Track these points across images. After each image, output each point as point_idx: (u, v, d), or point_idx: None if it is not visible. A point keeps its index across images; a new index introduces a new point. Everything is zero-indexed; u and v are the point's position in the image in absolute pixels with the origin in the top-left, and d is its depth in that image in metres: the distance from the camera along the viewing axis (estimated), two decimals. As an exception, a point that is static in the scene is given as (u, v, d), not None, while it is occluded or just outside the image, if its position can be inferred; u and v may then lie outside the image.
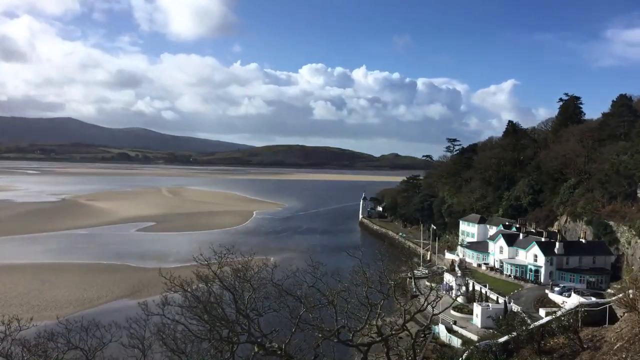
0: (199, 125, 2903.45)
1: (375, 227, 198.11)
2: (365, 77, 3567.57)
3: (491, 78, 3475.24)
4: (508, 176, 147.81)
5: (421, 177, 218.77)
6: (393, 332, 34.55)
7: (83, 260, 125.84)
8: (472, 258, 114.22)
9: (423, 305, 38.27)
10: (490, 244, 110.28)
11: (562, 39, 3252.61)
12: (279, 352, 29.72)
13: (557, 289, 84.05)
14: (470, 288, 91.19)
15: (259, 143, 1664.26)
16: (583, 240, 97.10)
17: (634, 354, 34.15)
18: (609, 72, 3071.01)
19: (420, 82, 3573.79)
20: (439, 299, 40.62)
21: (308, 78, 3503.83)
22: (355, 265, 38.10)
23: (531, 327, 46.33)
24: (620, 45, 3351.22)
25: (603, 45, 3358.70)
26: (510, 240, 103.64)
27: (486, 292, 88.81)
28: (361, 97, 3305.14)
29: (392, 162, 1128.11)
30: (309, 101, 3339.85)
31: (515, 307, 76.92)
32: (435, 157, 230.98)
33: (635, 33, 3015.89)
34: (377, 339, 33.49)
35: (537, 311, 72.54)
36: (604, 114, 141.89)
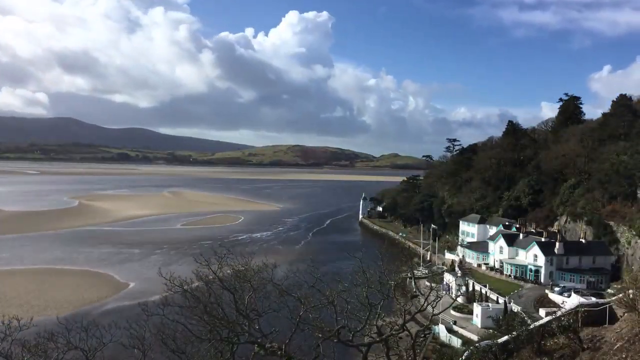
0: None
1: (375, 227, 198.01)
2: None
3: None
4: (508, 176, 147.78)
5: (421, 177, 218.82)
6: (393, 332, 34.45)
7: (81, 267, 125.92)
8: (472, 258, 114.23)
9: (423, 305, 38.15)
10: (490, 244, 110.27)
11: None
12: (279, 352, 29.67)
13: (557, 289, 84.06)
14: (470, 288, 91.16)
15: (259, 143, 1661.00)
16: (583, 240, 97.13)
17: (634, 354, 34.15)
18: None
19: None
20: (439, 299, 40.48)
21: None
22: (355, 266, 38.04)
23: (531, 327, 46.29)
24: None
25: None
26: (510, 240, 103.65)
27: (486, 292, 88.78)
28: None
29: (392, 162, 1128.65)
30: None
31: (515, 307, 76.92)
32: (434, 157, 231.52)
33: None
34: (377, 339, 33.42)
35: (537, 311, 72.55)
36: (604, 114, 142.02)
